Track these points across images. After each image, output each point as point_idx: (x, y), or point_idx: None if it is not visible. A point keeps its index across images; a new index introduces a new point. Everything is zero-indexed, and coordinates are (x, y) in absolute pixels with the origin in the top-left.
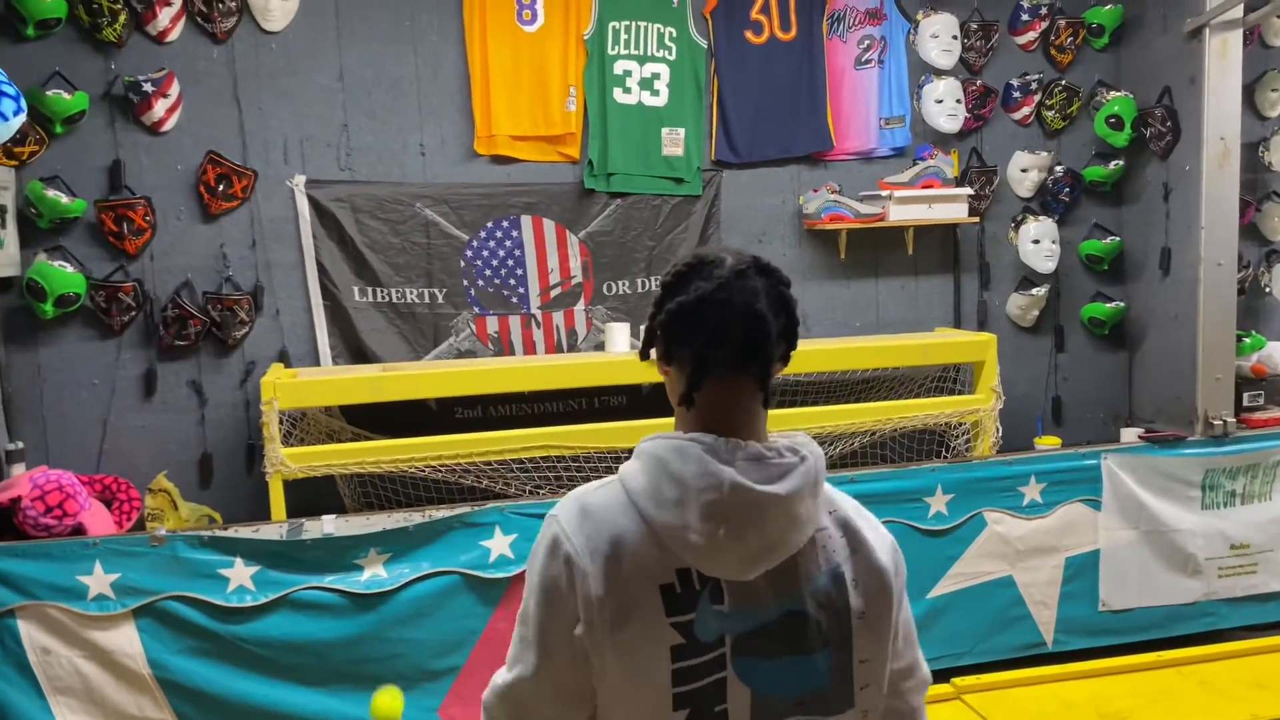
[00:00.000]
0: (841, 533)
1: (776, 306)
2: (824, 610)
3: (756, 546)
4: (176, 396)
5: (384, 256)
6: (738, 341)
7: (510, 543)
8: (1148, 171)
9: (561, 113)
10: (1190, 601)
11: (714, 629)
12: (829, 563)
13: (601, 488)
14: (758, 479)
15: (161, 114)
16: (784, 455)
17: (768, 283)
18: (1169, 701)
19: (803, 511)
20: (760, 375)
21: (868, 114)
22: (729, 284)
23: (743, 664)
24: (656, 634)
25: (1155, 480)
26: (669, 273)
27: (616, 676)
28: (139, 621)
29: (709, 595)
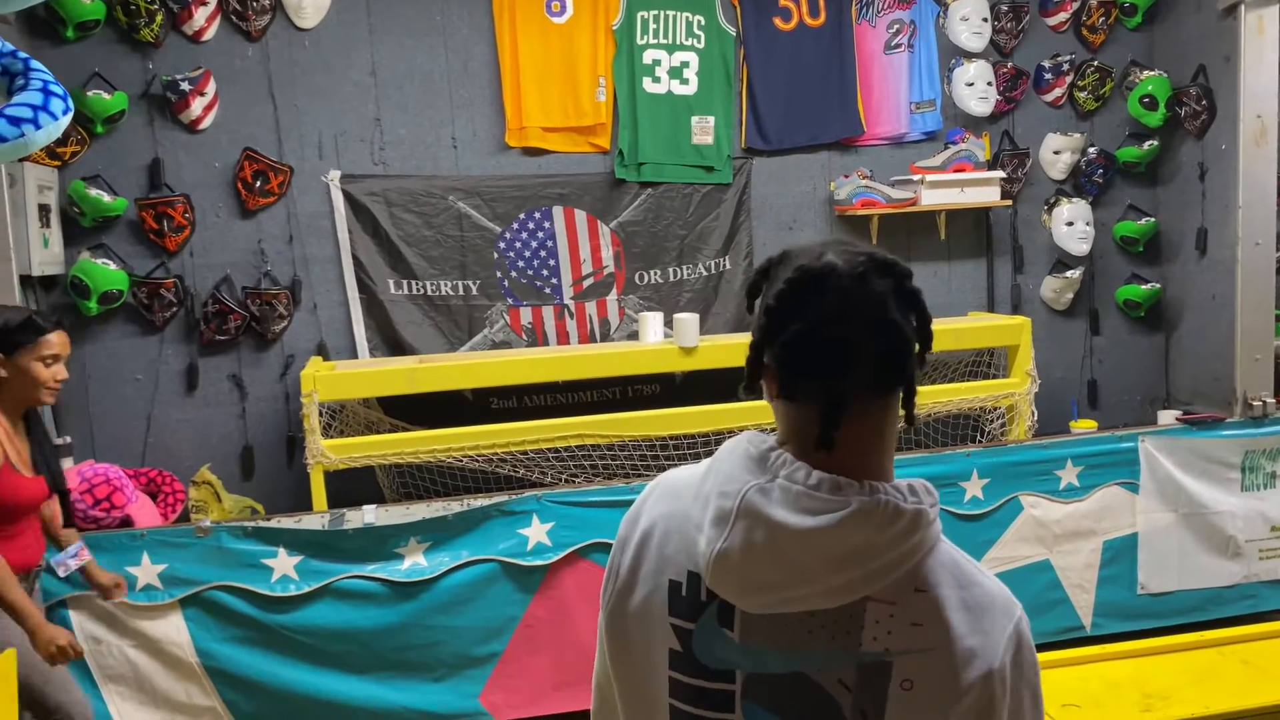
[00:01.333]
0: (915, 619)
1: (906, 308)
2: (850, 694)
3: (756, 576)
4: (218, 390)
5: (418, 250)
6: (876, 361)
7: (548, 530)
8: (1183, 151)
9: (591, 103)
10: (1230, 584)
11: (719, 656)
12: (875, 645)
13: (693, 467)
14: (783, 502)
15: (199, 112)
16: (842, 493)
17: (894, 283)
18: (1211, 681)
19: (827, 562)
20: (905, 392)
21: (898, 99)
22: (850, 296)
23: (753, 711)
24: (658, 628)
25: (1194, 462)
26: (771, 293)
27: (619, 662)
28: (186, 611)
29: (717, 614)
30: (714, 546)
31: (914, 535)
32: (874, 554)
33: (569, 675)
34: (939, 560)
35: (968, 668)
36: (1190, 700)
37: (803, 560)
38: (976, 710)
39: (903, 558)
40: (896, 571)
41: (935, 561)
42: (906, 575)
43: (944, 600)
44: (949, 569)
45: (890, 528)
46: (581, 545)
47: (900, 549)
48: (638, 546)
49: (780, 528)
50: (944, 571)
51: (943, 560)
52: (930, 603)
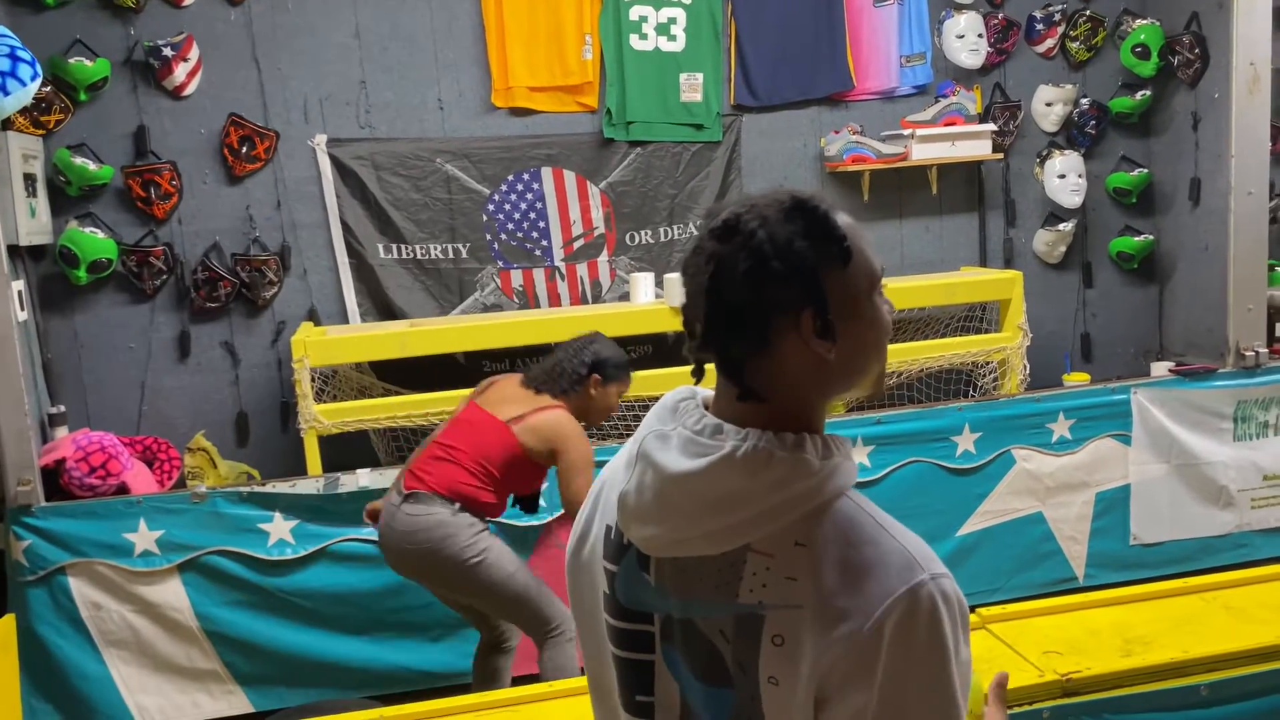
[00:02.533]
0: (790, 574)
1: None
2: (730, 645)
3: (643, 518)
4: (210, 357)
5: (407, 213)
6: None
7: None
8: (1176, 101)
9: (578, 61)
10: (1222, 533)
11: (635, 597)
12: (750, 598)
13: None
14: (676, 446)
15: (183, 78)
16: (720, 436)
17: (725, 249)
18: (1193, 626)
19: (701, 506)
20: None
21: (888, 52)
22: (688, 258)
23: (667, 652)
24: (598, 573)
25: (1186, 413)
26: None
27: (575, 609)
28: (184, 576)
29: (636, 558)
30: (624, 490)
31: (791, 485)
32: (746, 501)
33: None
34: (833, 516)
35: (834, 628)
36: (1170, 645)
37: (679, 503)
38: (841, 675)
39: (782, 507)
40: (777, 522)
41: (829, 517)
42: (790, 528)
43: (822, 557)
44: (841, 526)
45: (761, 474)
46: None
47: (776, 498)
48: (593, 498)
49: (661, 470)
50: (833, 527)
51: (837, 517)
52: (807, 558)
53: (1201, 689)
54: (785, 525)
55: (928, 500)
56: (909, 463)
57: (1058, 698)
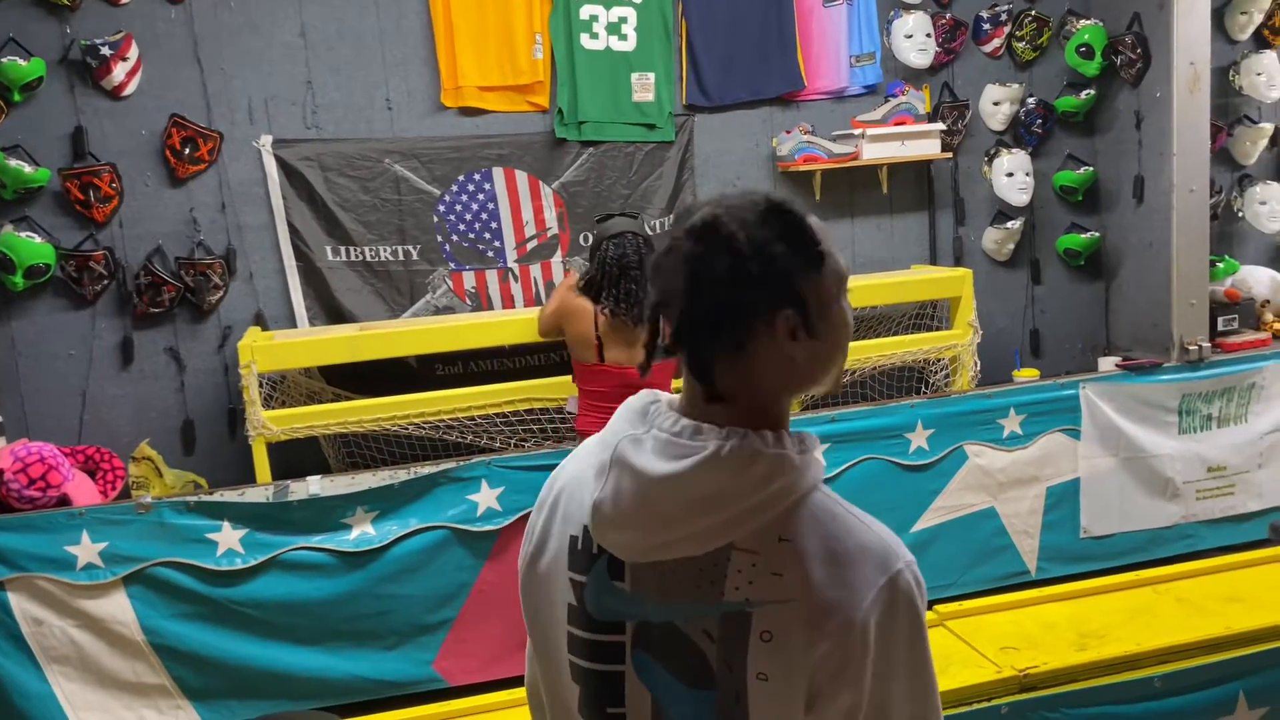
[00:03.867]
0: (776, 569)
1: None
2: (715, 645)
3: (625, 525)
4: (155, 364)
5: (355, 215)
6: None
7: (497, 496)
8: (1119, 100)
9: (529, 61)
10: (1169, 525)
11: (606, 607)
12: (736, 595)
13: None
14: (653, 450)
15: (122, 78)
16: (701, 437)
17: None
18: (1146, 618)
19: (687, 507)
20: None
21: (838, 52)
22: (658, 256)
23: (640, 660)
24: (559, 585)
25: (1133, 407)
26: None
27: (531, 622)
28: (130, 589)
29: (607, 567)
30: (593, 497)
31: (775, 481)
32: (732, 499)
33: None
34: (810, 510)
35: (825, 621)
36: (1124, 638)
37: (664, 506)
38: (834, 666)
39: (765, 504)
40: (759, 519)
41: (806, 511)
42: (772, 523)
43: (807, 550)
44: (820, 519)
45: (747, 471)
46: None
47: (760, 495)
48: (550, 507)
49: (643, 474)
50: (813, 521)
51: (815, 510)
52: (792, 552)
53: (1155, 681)
54: (767, 521)
55: (882, 497)
56: (863, 460)
57: (1015, 693)
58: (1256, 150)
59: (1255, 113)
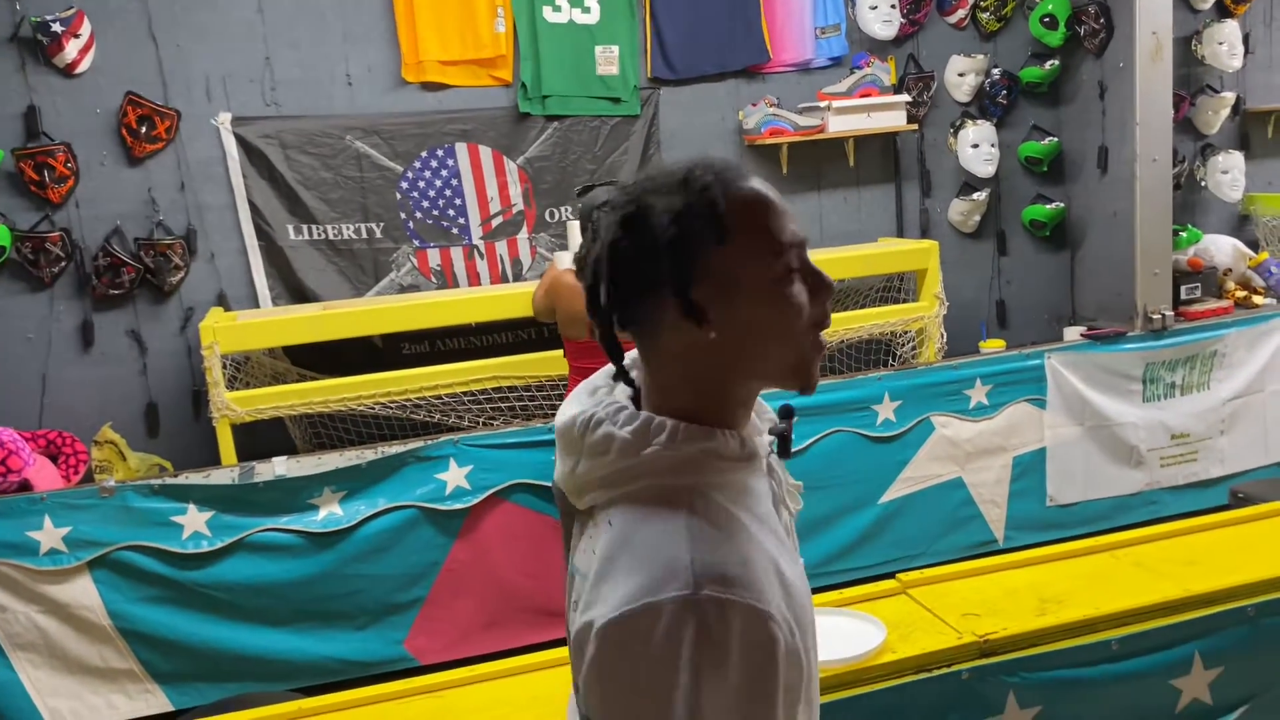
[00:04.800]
0: (594, 546)
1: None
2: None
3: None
4: (116, 346)
5: (317, 193)
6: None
7: (466, 474)
8: (1083, 70)
9: (491, 34)
10: (1134, 492)
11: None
12: (575, 560)
13: None
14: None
15: (74, 55)
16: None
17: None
18: (1105, 582)
19: (568, 461)
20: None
21: (803, 23)
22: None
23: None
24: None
25: (1098, 376)
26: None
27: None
28: (95, 573)
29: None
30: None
31: (617, 464)
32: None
33: (494, 615)
34: (647, 506)
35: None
36: (1084, 603)
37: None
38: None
39: (603, 482)
40: (602, 491)
41: (645, 506)
42: (614, 503)
43: (612, 540)
44: (647, 518)
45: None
46: (501, 487)
47: (601, 473)
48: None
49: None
50: (637, 518)
51: (654, 509)
52: (605, 536)
53: (1112, 644)
54: (611, 499)
55: (850, 469)
56: (831, 433)
57: (975, 659)
58: (1219, 120)
59: (1217, 82)
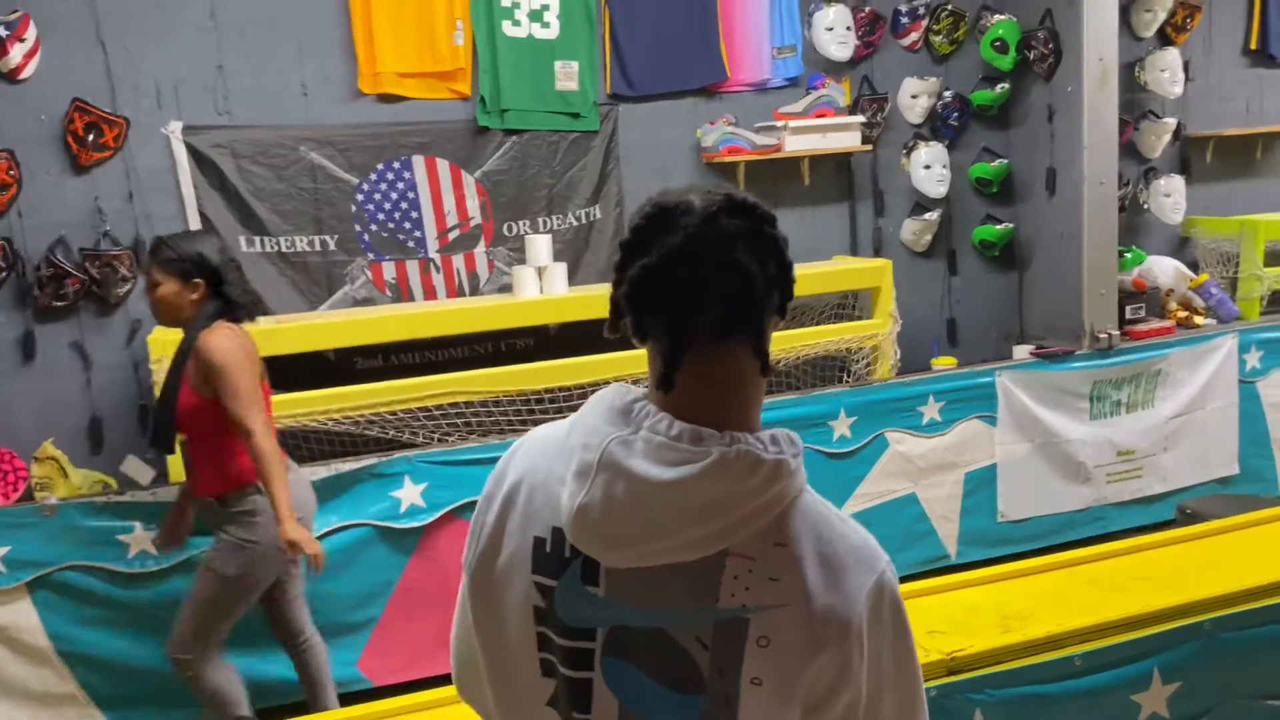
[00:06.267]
0: (773, 574)
1: (761, 252)
2: (708, 652)
3: (616, 531)
4: (58, 360)
5: (270, 204)
6: (720, 304)
7: (421, 492)
8: (1032, 94)
9: (449, 47)
10: (1082, 508)
11: (579, 614)
12: (733, 601)
13: (560, 423)
14: (645, 453)
15: (19, 60)
16: (703, 443)
17: (747, 224)
18: (1063, 600)
19: (688, 514)
20: (753, 339)
21: (760, 44)
22: (699, 234)
23: (611, 666)
24: (521, 586)
25: (1047, 394)
26: (629, 228)
27: (483, 621)
28: (35, 595)
29: (580, 571)
30: (575, 501)
31: (774, 486)
32: (733, 505)
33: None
34: (801, 513)
35: (823, 625)
36: (1045, 620)
37: (662, 513)
38: (833, 669)
39: (763, 509)
40: (756, 524)
41: (797, 514)
42: (767, 528)
43: (802, 554)
44: (811, 522)
45: (750, 478)
46: (457, 505)
47: (760, 500)
48: (503, 503)
49: (640, 480)
50: (805, 524)
51: (805, 513)
52: (788, 557)
53: (1075, 660)
54: (763, 526)
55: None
56: None
57: (943, 676)
58: (1160, 144)
59: (1159, 108)
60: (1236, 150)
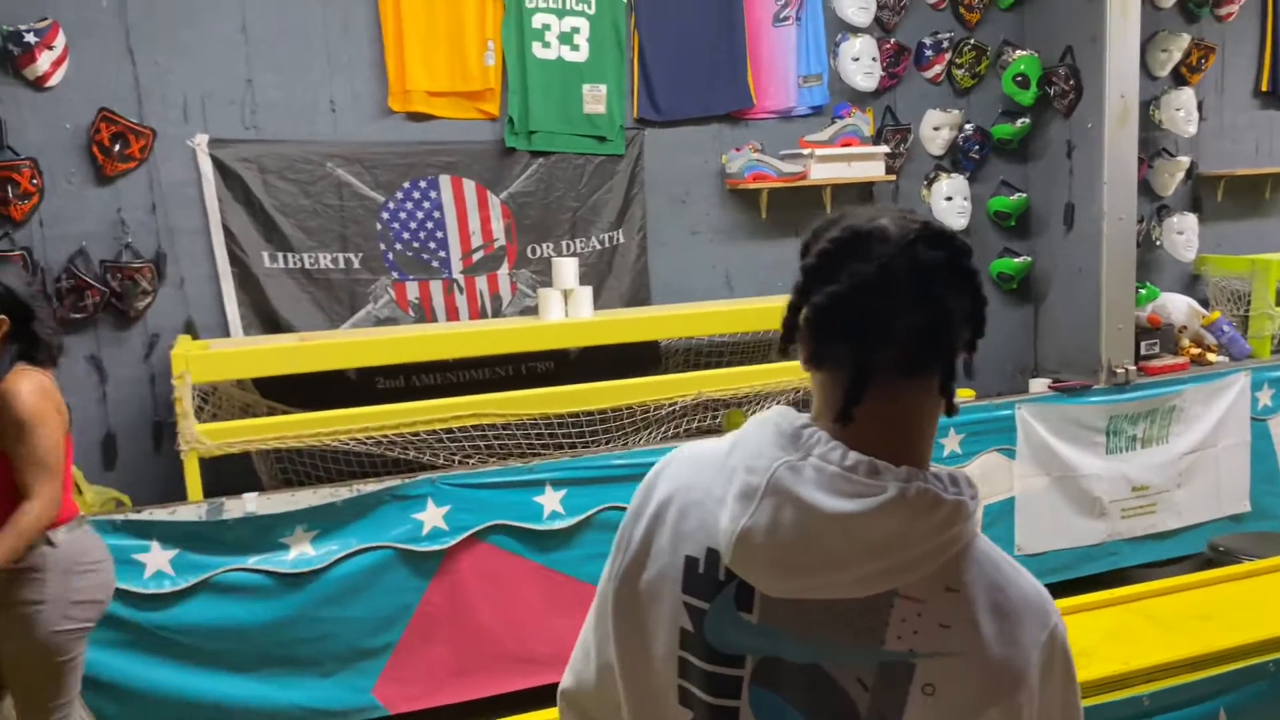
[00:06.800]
0: (944, 620)
1: (959, 286)
2: (869, 694)
3: (781, 558)
4: (74, 373)
5: (295, 220)
6: (912, 338)
7: (444, 514)
8: (1052, 129)
9: (480, 67)
10: (1097, 542)
11: (731, 639)
12: (899, 645)
13: (721, 439)
14: (817, 482)
15: (46, 67)
16: (880, 477)
17: (944, 255)
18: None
19: (859, 549)
20: (942, 376)
21: (786, 72)
22: (894, 264)
23: (760, 697)
24: (669, 606)
25: (1065, 428)
26: (814, 251)
27: (624, 637)
28: None
29: (735, 596)
30: (738, 524)
31: (951, 528)
32: (907, 544)
33: (467, 662)
34: (974, 558)
35: (994, 677)
36: (1110, 657)
37: (833, 545)
38: None
39: (936, 551)
40: (928, 566)
41: (970, 559)
42: (939, 571)
43: (975, 602)
44: (984, 568)
45: (927, 518)
46: (480, 528)
47: (935, 541)
48: (652, 519)
49: (812, 509)
50: (979, 570)
51: (979, 558)
52: (961, 603)
53: (1144, 699)
54: (935, 569)
55: None
56: None
57: None
58: (1174, 182)
59: (1173, 146)
60: (1246, 190)
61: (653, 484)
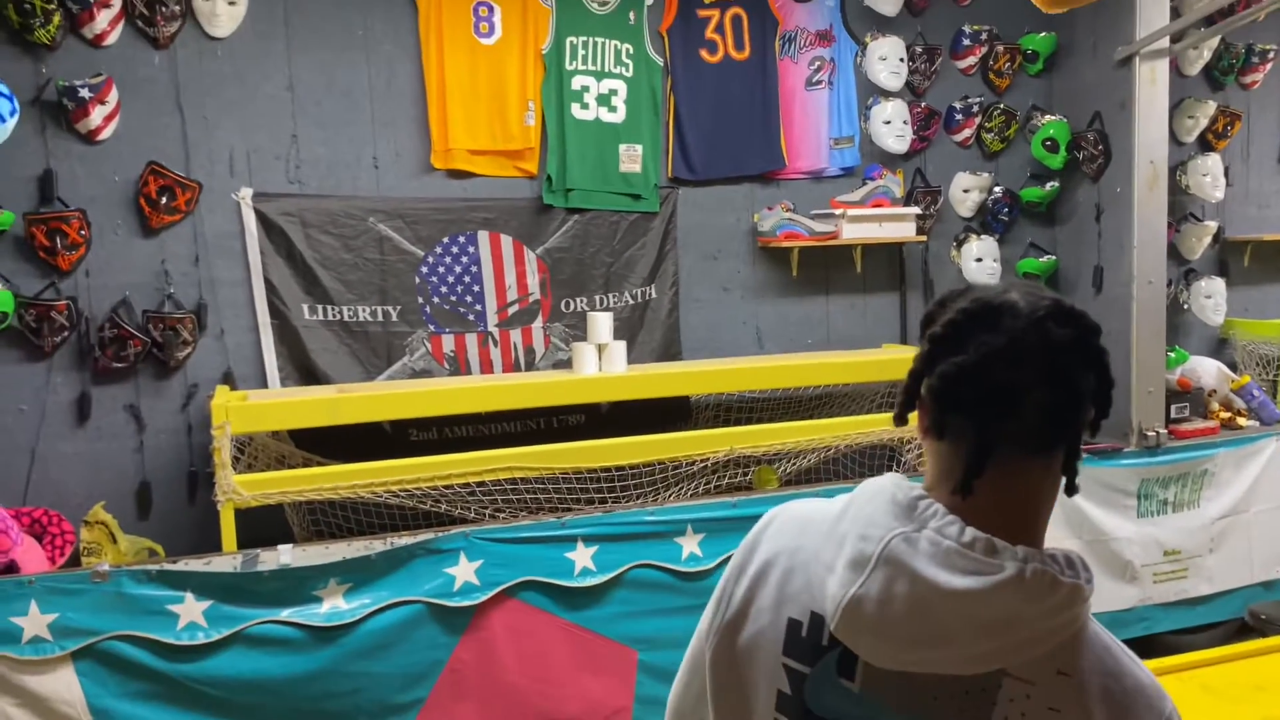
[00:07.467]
0: (1054, 704)
1: (1087, 365)
2: None
3: (891, 630)
4: (112, 422)
5: (335, 273)
6: (1039, 415)
7: (476, 569)
8: (1080, 193)
9: (520, 127)
10: (1127, 608)
11: (829, 705)
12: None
13: (828, 502)
14: (932, 556)
15: (99, 122)
16: (997, 555)
17: (1074, 333)
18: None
19: (972, 627)
20: (1068, 456)
21: (819, 134)
22: (1024, 338)
23: None
24: (767, 666)
25: (1096, 490)
26: (941, 320)
27: (721, 695)
28: (79, 664)
29: (837, 662)
30: (847, 591)
31: (1066, 611)
32: (1021, 625)
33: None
34: (1087, 642)
35: None
36: None
37: (945, 621)
38: None
39: (1050, 634)
40: (1040, 648)
41: (1083, 643)
42: (1050, 654)
43: (1087, 687)
44: (1097, 653)
45: (1044, 600)
46: (511, 584)
47: (1049, 624)
48: (754, 578)
49: (926, 584)
50: (1091, 655)
51: (1091, 643)
52: (1072, 688)
53: None
54: (1046, 651)
55: None
56: None
57: None
58: (1201, 246)
59: (1200, 211)
60: (1273, 255)
61: (756, 542)
